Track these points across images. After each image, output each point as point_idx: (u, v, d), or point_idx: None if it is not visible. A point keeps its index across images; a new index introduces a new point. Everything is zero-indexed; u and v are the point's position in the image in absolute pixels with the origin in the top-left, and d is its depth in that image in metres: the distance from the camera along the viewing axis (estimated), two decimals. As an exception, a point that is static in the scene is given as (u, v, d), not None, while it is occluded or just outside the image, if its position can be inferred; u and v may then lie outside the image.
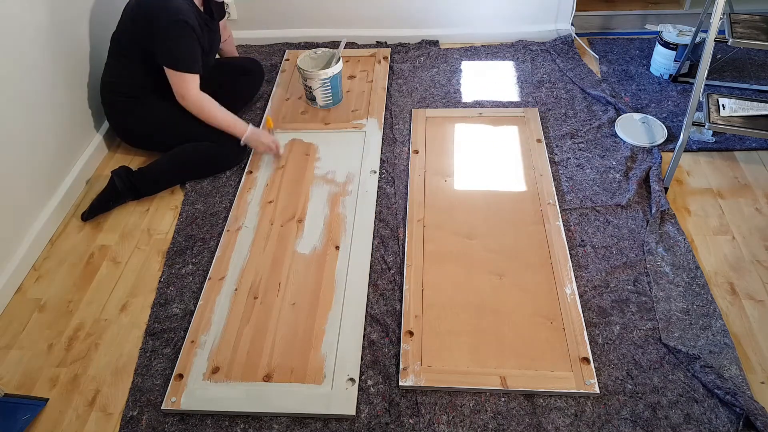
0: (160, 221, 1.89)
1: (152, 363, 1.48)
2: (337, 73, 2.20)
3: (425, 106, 2.29)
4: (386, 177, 1.97)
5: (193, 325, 1.54)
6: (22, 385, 1.46)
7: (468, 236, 1.73)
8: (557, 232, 1.71)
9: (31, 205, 1.80)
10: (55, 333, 1.58)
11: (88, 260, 1.78)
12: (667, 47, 2.29)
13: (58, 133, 1.92)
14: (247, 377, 1.42)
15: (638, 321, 1.50)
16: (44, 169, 1.86)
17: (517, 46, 2.61)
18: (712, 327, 1.47)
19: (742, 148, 2.01)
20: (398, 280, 1.64)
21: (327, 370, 1.42)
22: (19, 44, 1.73)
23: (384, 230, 1.78)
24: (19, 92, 1.74)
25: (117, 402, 1.41)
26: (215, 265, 1.69)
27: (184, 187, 1.99)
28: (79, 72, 2.05)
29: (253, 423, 1.34)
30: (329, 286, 1.61)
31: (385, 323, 1.53)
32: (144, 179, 1.93)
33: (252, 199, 1.90)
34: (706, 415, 1.31)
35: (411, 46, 2.65)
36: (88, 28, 2.10)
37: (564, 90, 2.32)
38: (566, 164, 1.98)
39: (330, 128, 2.18)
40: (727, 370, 1.38)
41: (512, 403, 1.35)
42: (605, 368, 1.41)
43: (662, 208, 1.76)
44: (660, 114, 2.17)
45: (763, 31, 1.76)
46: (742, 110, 1.81)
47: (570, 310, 1.51)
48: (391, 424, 1.33)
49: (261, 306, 1.58)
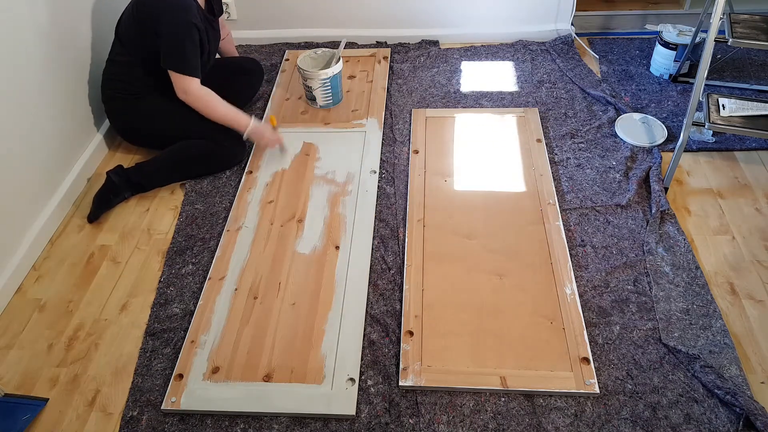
0: (160, 221, 1.89)
1: (152, 363, 1.48)
2: (337, 73, 2.20)
3: (425, 106, 2.29)
4: (386, 177, 1.97)
5: (193, 325, 1.54)
6: (22, 385, 1.46)
7: (468, 236, 1.73)
8: (557, 232, 1.71)
9: (31, 204, 1.79)
10: (55, 333, 1.58)
11: (88, 260, 1.77)
12: (667, 47, 2.29)
13: (59, 132, 1.92)
14: (247, 377, 1.42)
15: (638, 321, 1.50)
16: (44, 168, 1.86)
17: (517, 46, 2.61)
18: (712, 327, 1.47)
19: (742, 148, 2.01)
20: (398, 280, 1.64)
21: (327, 370, 1.42)
22: (18, 43, 1.73)
23: (384, 230, 1.78)
24: (19, 91, 1.74)
25: (117, 402, 1.41)
26: (215, 265, 1.69)
27: (184, 187, 1.99)
28: (79, 70, 2.05)
29: (253, 423, 1.34)
30: (329, 286, 1.61)
31: (385, 323, 1.53)
32: (140, 172, 1.94)
33: (252, 199, 1.90)
34: (706, 415, 1.31)
35: (411, 46, 2.65)
36: (89, 26, 2.11)
37: (564, 90, 2.33)
38: (566, 164, 1.98)
39: (330, 128, 2.18)
40: (727, 370, 1.38)
41: (512, 403, 1.35)
42: (605, 368, 1.41)
43: (662, 208, 1.77)
44: (660, 114, 2.18)
45: (763, 31, 1.76)
46: (742, 110, 1.81)
47: (570, 310, 1.51)
48: (391, 424, 1.33)
49: (261, 306, 1.58)
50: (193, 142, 1.97)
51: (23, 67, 1.75)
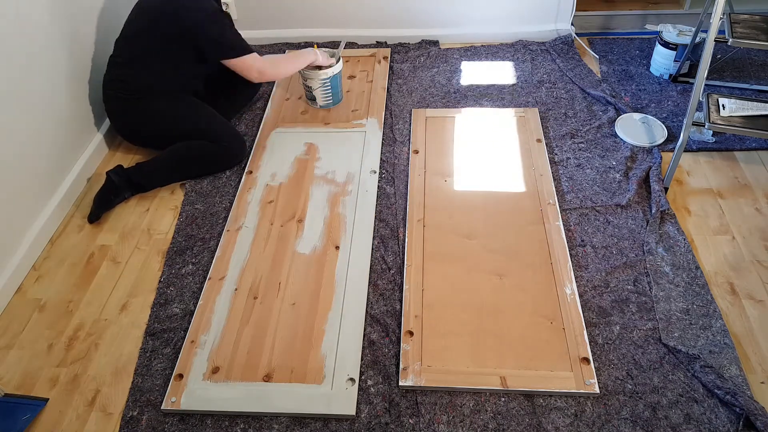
0: (160, 221, 1.89)
1: (152, 363, 1.48)
2: (337, 73, 2.20)
3: (425, 106, 2.29)
4: (386, 177, 1.97)
5: (193, 325, 1.54)
6: (22, 385, 1.46)
7: (468, 236, 1.73)
8: (557, 232, 1.71)
9: (31, 204, 1.79)
10: (55, 333, 1.58)
11: (88, 260, 1.77)
12: (667, 47, 2.29)
13: (59, 131, 1.92)
14: (247, 377, 1.42)
15: (638, 321, 1.50)
16: (44, 168, 1.86)
17: (517, 46, 2.61)
18: (712, 327, 1.47)
19: (742, 148, 2.01)
20: (398, 280, 1.64)
21: (327, 370, 1.42)
22: (19, 43, 1.73)
23: (384, 230, 1.78)
24: (20, 91, 1.74)
25: (117, 402, 1.41)
26: (215, 265, 1.69)
27: (184, 187, 1.99)
28: (80, 70, 2.05)
29: (253, 423, 1.34)
30: (329, 286, 1.61)
31: (385, 323, 1.53)
32: (141, 172, 1.94)
33: (252, 199, 1.90)
34: (706, 415, 1.31)
35: (411, 46, 2.65)
36: (92, 26, 2.11)
37: (564, 90, 2.33)
38: (566, 164, 1.98)
39: (330, 128, 2.18)
40: (727, 370, 1.38)
41: (512, 403, 1.35)
42: (605, 368, 1.41)
43: (662, 208, 1.77)
44: (660, 114, 2.18)
45: (763, 31, 1.76)
46: (742, 110, 1.81)
47: (570, 310, 1.51)
48: (391, 424, 1.33)
49: (261, 306, 1.58)
50: (194, 142, 1.97)
51: (24, 68, 1.75)
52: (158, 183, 1.99)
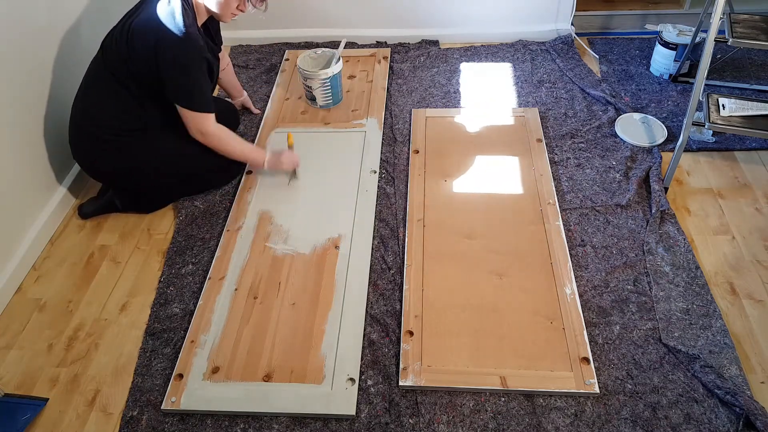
0: (160, 221, 1.89)
1: (152, 363, 1.48)
2: (337, 73, 2.20)
3: (425, 106, 2.29)
4: (386, 177, 1.97)
5: (193, 325, 1.54)
6: (22, 385, 1.46)
7: (468, 236, 1.73)
8: (557, 232, 1.71)
9: (31, 204, 1.80)
10: (55, 333, 1.58)
11: (88, 260, 1.77)
12: (667, 47, 2.29)
13: (59, 131, 1.92)
14: (247, 377, 1.42)
15: (638, 321, 1.50)
16: (44, 168, 1.86)
17: (517, 46, 2.61)
18: (712, 327, 1.47)
19: (742, 148, 2.01)
20: (398, 280, 1.64)
21: (327, 370, 1.42)
22: (22, 43, 1.73)
23: (384, 230, 1.78)
24: (20, 91, 1.74)
25: (117, 402, 1.41)
26: (215, 265, 1.69)
27: (184, 187, 1.99)
28: (80, 74, 2.05)
29: (253, 423, 1.34)
30: (329, 286, 1.61)
31: (385, 323, 1.53)
32: (142, 198, 1.90)
33: (252, 199, 1.90)
34: (706, 415, 1.31)
35: (411, 46, 2.65)
36: (94, 32, 2.11)
37: (564, 90, 2.32)
38: (566, 164, 1.98)
39: (330, 128, 2.18)
40: (727, 370, 1.38)
41: (512, 403, 1.35)
42: (605, 368, 1.41)
43: (662, 208, 1.76)
44: (660, 114, 2.17)
45: (763, 31, 1.76)
46: (742, 110, 1.81)
47: (570, 310, 1.51)
48: (391, 424, 1.33)
49: (261, 306, 1.58)
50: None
51: (26, 67, 1.75)
52: (160, 206, 1.94)
